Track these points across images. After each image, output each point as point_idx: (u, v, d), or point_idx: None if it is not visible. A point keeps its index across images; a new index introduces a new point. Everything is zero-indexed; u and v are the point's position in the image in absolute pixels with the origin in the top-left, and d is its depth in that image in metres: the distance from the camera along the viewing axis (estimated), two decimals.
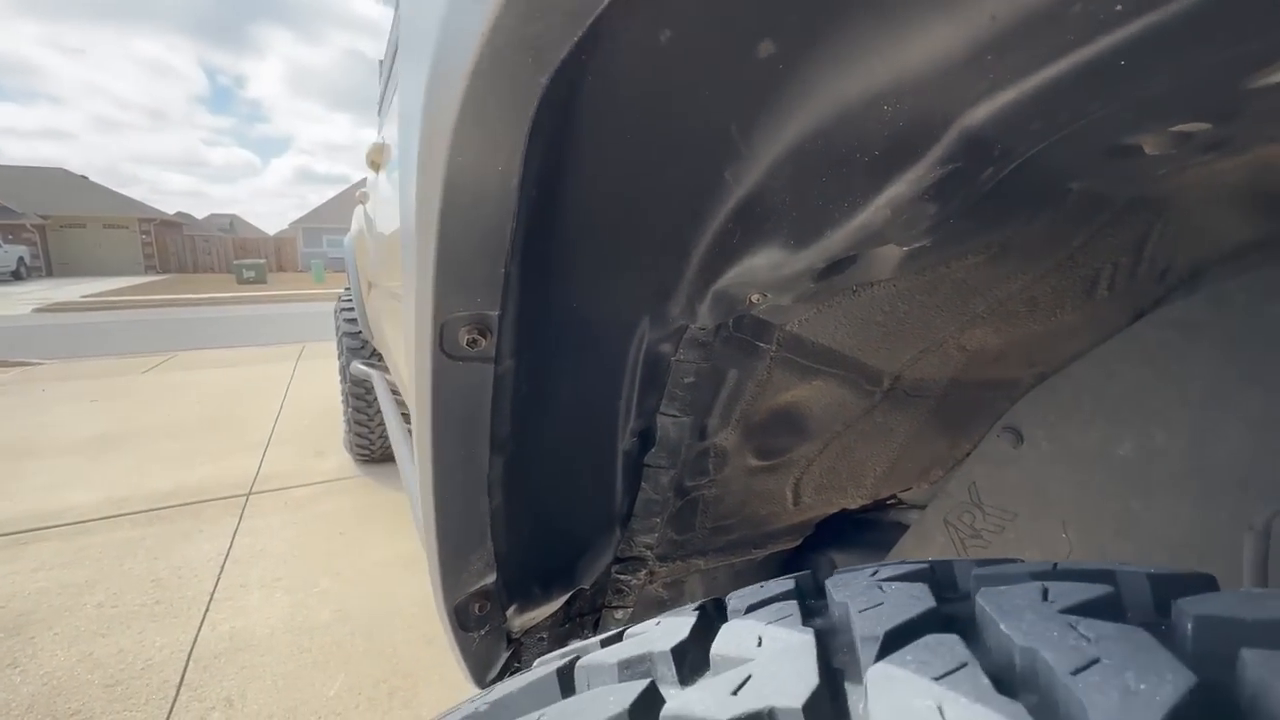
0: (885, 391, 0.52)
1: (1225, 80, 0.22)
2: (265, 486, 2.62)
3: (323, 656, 1.52)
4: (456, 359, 0.33)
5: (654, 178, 0.32)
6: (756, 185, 0.34)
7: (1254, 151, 0.30)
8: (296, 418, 3.71)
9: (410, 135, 0.29)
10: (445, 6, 0.25)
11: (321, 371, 5.18)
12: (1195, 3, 0.18)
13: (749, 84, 0.28)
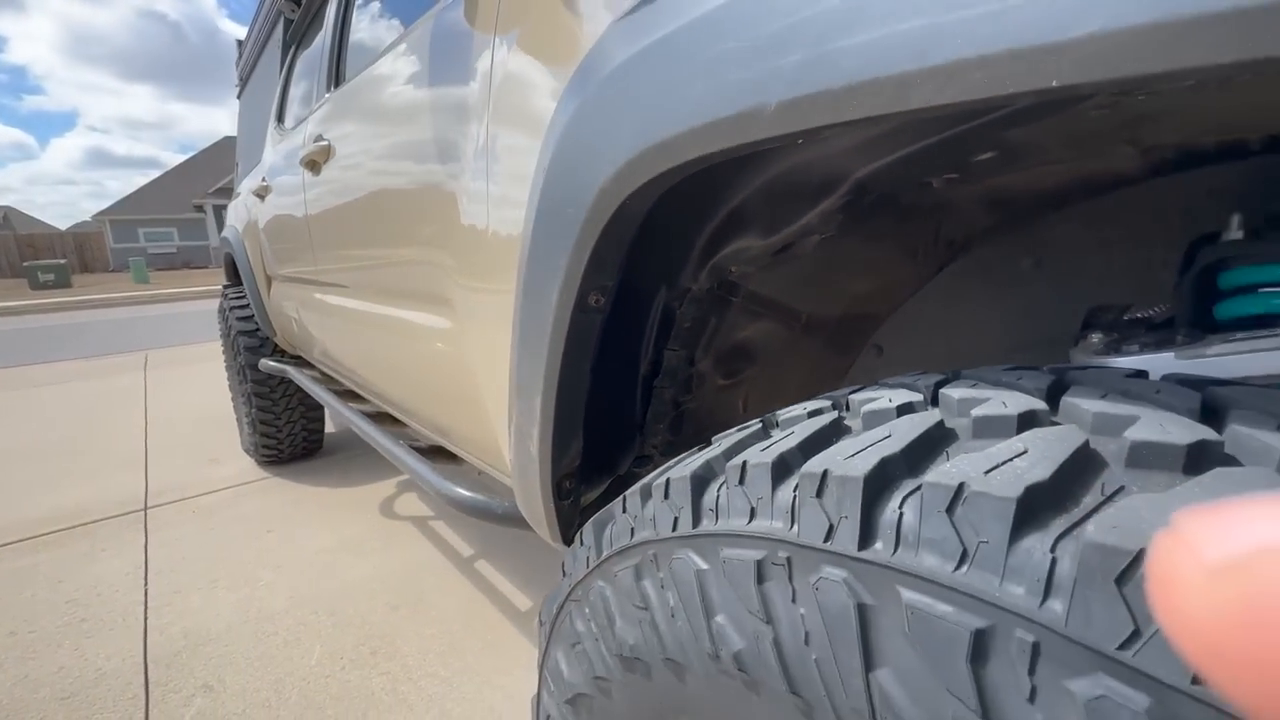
0: (803, 325, 0.80)
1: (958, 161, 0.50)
2: (162, 500, 2.49)
3: (291, 636, 1.60)
4: (586, 312, 0.55)
5: (677, 211, 0.55)
6: (739, 206, 0.59)
7: (984, 182, 0.60)
8: (170, 429, 3.45)
9: (569, 197, 0.50)
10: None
11: (181, 380, 4.75)
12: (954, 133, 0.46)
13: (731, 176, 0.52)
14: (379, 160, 1.08)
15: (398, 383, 1.25)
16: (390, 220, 1.07)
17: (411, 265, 1.01)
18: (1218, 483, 0.23)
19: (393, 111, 1.02)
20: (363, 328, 1.36)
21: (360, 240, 1.23)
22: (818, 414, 0.39)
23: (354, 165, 1.20)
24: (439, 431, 1.25)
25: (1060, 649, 0.22)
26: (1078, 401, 0.30)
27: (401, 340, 1.14)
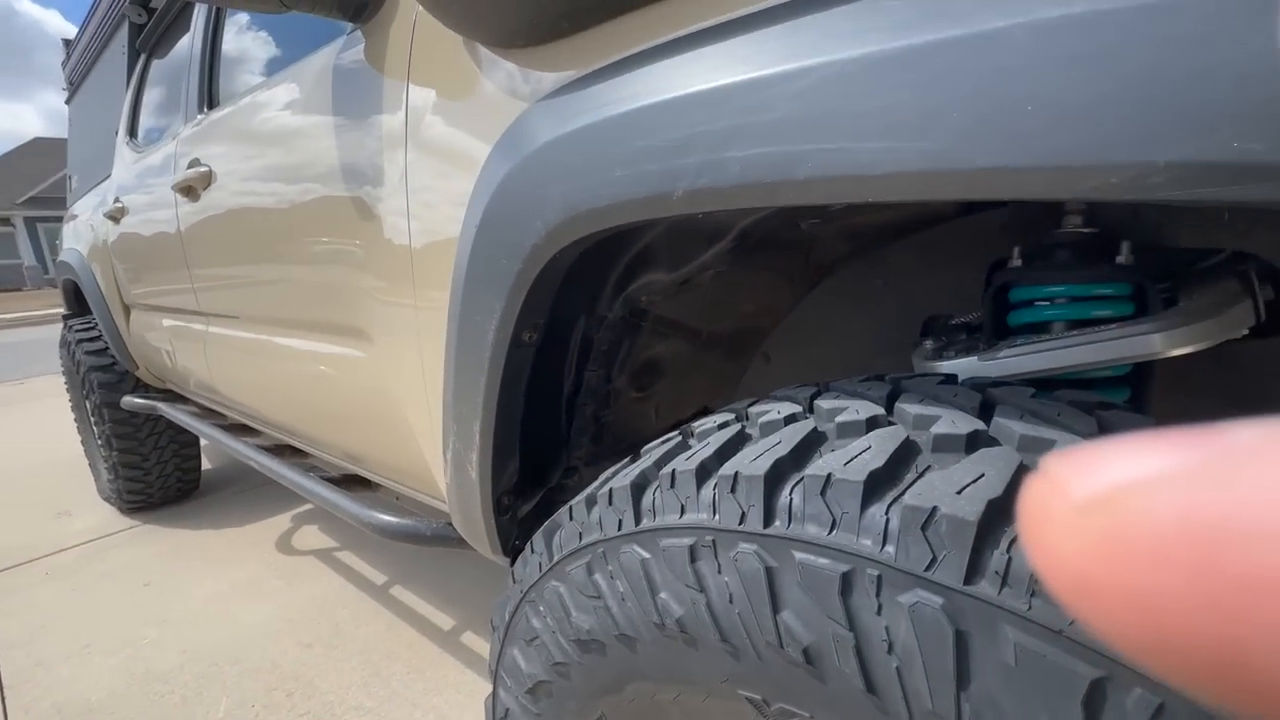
0: (703, 341, 0.92)
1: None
2: (4, 564, 2.19)
3: (190, 692, 1.50)
4: (521, 347, 0.62)
5: (595, 255, 0.64)
6: (647, 249, 0.69)
7: (841, 222, 0.74)
8: (2, 482, 3.01)
9: (504, 248, 0.57)
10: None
11: (7, 424, 4.13)
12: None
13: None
14: (279, 191, 1.07)
15: (305, 414, 1.23)
16: (295, 252, 1.06)
17: (320, 297, 1.02)
18: (983, 459, 0.35)
19: (292, 142, 1.02)
20: (260, 359, 1.31)
21: (256, 270, 1.19)
22: (725, 426, 0.49)
23: (245, 194, 1.17)
24: (352, 459, 1.25)
25: (893, 577, 0.33)
26: (905, 406, 0.42)
27: (310, 370, 1.13)
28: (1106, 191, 0.28)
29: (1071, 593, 0.10)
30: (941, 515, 0.32)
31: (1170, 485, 0.10)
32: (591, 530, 0.51)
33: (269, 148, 1.08)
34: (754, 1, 0.41)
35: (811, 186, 0.37)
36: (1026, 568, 0.30)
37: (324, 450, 1.35)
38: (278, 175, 1.06)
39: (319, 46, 1.00)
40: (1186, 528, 0.09)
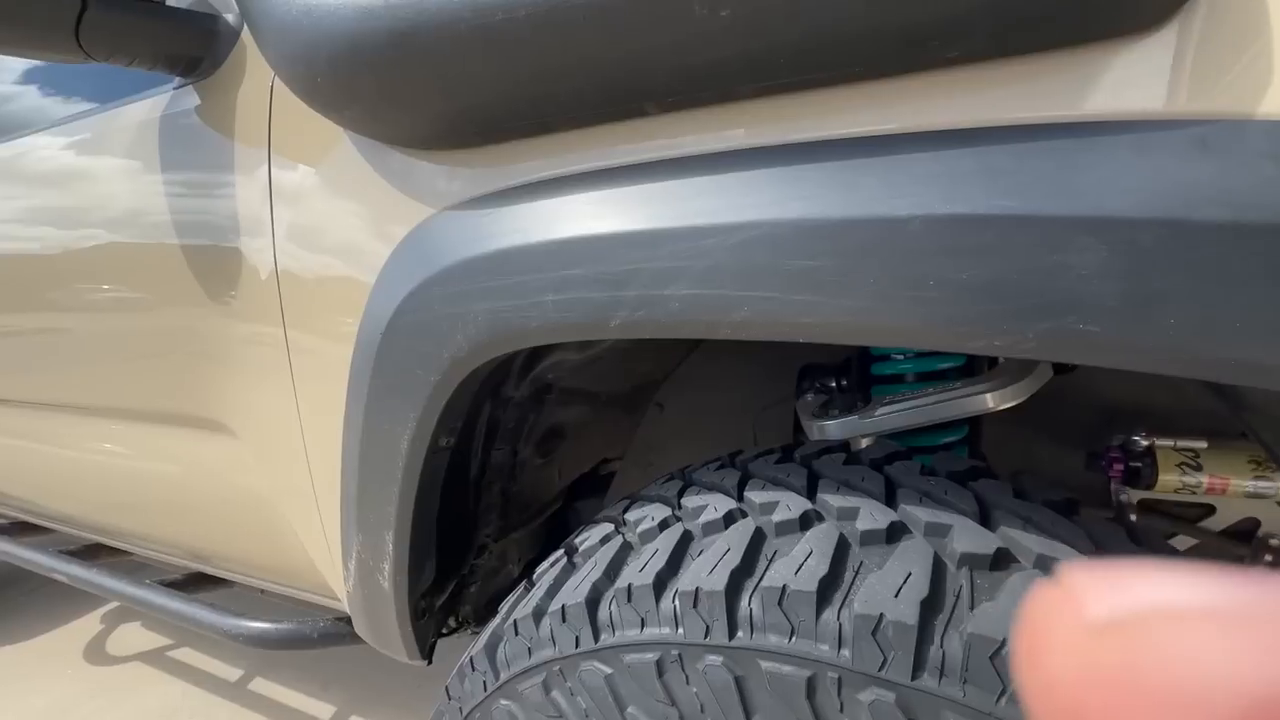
0: (603, 402, 0.94)
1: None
2: None
3: None
4: (438, 452, 0.59)
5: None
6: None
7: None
8: None
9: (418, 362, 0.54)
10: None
11: None
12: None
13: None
14: (83, 261, 0.90)
15: (130, 508, 1.05)
16: (111, 329, 0.90)
17: (157, 384, 0.88)
18: (905, 555, 0.41)
19: (102, 207, 0.87)
20: (64, 447, 1.09)
21: (54, 346, 0.99)
22: (666, 526, 0.52)
23: (38, 270, 0.97)
24: (198, 557, 1.09)
25: (852, 678, 0.38)
26: (826, 498, 0.48)
27: (140, 462, 0.97)
28: (990, 350, 0.35)
29: (1053, 717, 0.09)
30: (888, 621, 0.37)
31: (1208, 628, 0.08)
32: (543, 646, 0.50)
33: (64, 211, 0.91)
34: (691, 145, 0.44)
35: (746, 326, 0.41)
36: (958, 659, 0.36)
37: (156, 548, 1.15)
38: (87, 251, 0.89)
39: (124, 95, 0.86)
40: (1219, 682, 0.08)
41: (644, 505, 0.57)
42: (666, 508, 0.55)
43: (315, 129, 0.64)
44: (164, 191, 0.80)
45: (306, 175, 0.66)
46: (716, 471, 0.58)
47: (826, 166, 0.38)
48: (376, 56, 0.45)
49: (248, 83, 0.73)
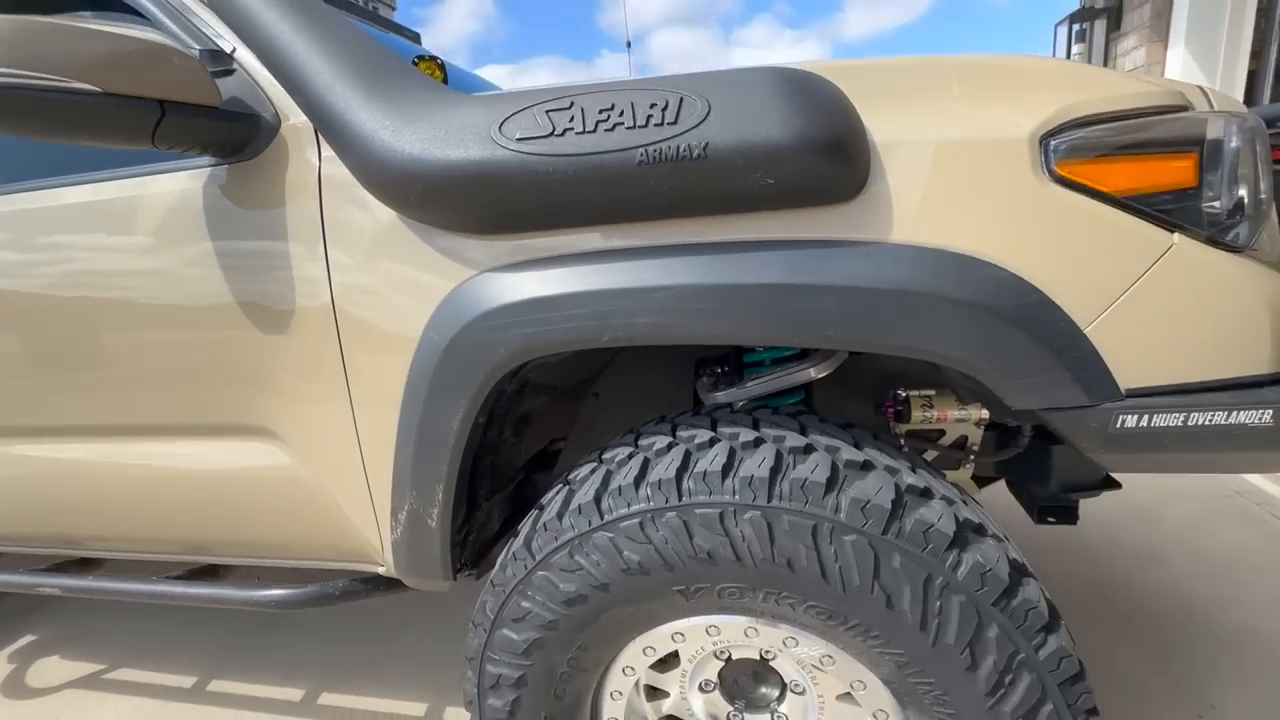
0: (558, 392, 1.28)
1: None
2: None
3: None
4: (477, 428, 0.91)
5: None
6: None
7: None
8: None
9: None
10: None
11: None
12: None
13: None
14: (127, 307, 1.09)
15: (172, 520, 1.22)
16: (174, 366, 1.09)
17: (211, 403, 1.09)
18: (814, 460, 0.81)
19: (143, 259, 1.06)
20: (99, 472, 1.23)
21: (95, 376, 1.14)
22: (632, 456, 0.88)
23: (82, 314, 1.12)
24: (199, 549, 1.26)
25: (743, 510, 0.77)
26: (723, 429, 0.87)
27: (196, 473, 1.15)
28: (799, 343, 0.76)
29: None
30: (737, 478, 0.76)
31: None
32: (566, 532, 0.85)
33: (110, 264, 1.09)
34: (637, 241, 0.81)
35: (674, 337, 0.79)
36: (790, 492, 0.76)
37: (167, 549, 1.31)
38: (125, 290, 1.08)
39: (145, 163, 1.06)
40: None
41: (614, 449, 0.93)
42: (629, 447, 0.91)
43: (367, 210, 0.93)
44: (215, 249, 1.02)
45: (361, 243, 0.94)
46: (656, 425, 0.96)
47: (705, 257, 0.78)
48: (458, 186, 0.78)
49: (293, 169, 0.99)
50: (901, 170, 0.74)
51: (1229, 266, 0.74)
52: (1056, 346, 0.72)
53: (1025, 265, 0.72)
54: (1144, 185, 0.73)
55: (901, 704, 0.82)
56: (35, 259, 1.12)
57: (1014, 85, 0.78)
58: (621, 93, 0.74)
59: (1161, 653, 1.57)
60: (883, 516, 0.74)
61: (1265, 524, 2.09)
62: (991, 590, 0.73)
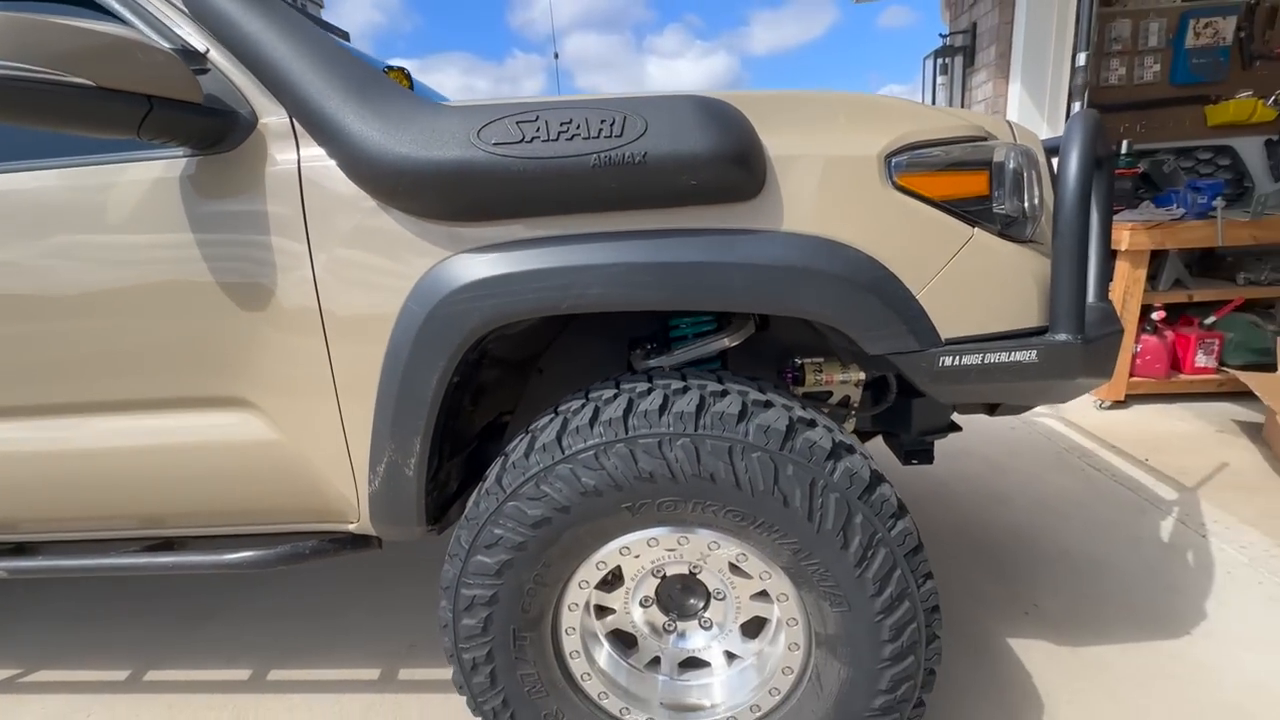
0: (509, 366, 1.45)
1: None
2: None
3: None
4: (450, 386, 1.07)
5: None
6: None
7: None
8: None
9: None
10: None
11: None
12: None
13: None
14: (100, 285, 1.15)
15: (139, 498, 1.27)
16: (149, 340, 1.16)
17: (186, 375, 1.17)
18: (727, 400, 1.03)
19: (141, 247, 1.13)
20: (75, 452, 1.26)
21: (90, 358, 1.19)
22: (584, 404, 1.08)
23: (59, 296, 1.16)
24: (152, 522, 1.32)
25: (677, 439, 0.99)
26: (658, 383, 1.08)
27: (167, 447, 1.22)
28: (720, 307, 0.99)
29: None
30: (727, 414, 0.99)
31: None
32: (533, 467, 1.03)
33: (83, 248, 1.14)
34: (589, 228, 1.01)
35: (618, 302, 1.00)
36: (710, 423, 0.99)
37: (116, 527, 1.36)
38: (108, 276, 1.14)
39: (115, 151, 1.14)
40: None
41: (568, 402, 1.12)
42: (581, 399, 1.11)
43: (349, 199, 1.07)
44: (195, 231, 1.12)
45: (342, 229, 1.08)
46: (603, 383, 1.16)
47: (644, 241, 1.00)
48: (441, 180, 0.95)
49: (272, 162, 1.10)
50: (788, 177, 0.99)
51: (1012, 252, 1.05)
52: (897, 307, 0.99)
53: (875, 248, 0.99)
54: (954, 193, 1.02)
55: (797, 585, 1.07)
56: (4, 239, 1.16)
57: (869, 117, 1.06)
58: (578, 110, 0.94)
59: (1002, 570, 1.95)
60: (779, 437, 0.99)
61: (1084, 473, 2.59)
62: (857, 488, 1.00)
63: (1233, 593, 1.79)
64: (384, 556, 2.31)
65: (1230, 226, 2.83)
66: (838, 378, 1.49)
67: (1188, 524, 2.15)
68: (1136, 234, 2.89)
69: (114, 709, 1.70)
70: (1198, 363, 3.11)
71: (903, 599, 1.02)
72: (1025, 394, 1.14)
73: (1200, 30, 3.42)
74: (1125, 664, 1.55)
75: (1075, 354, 1.01)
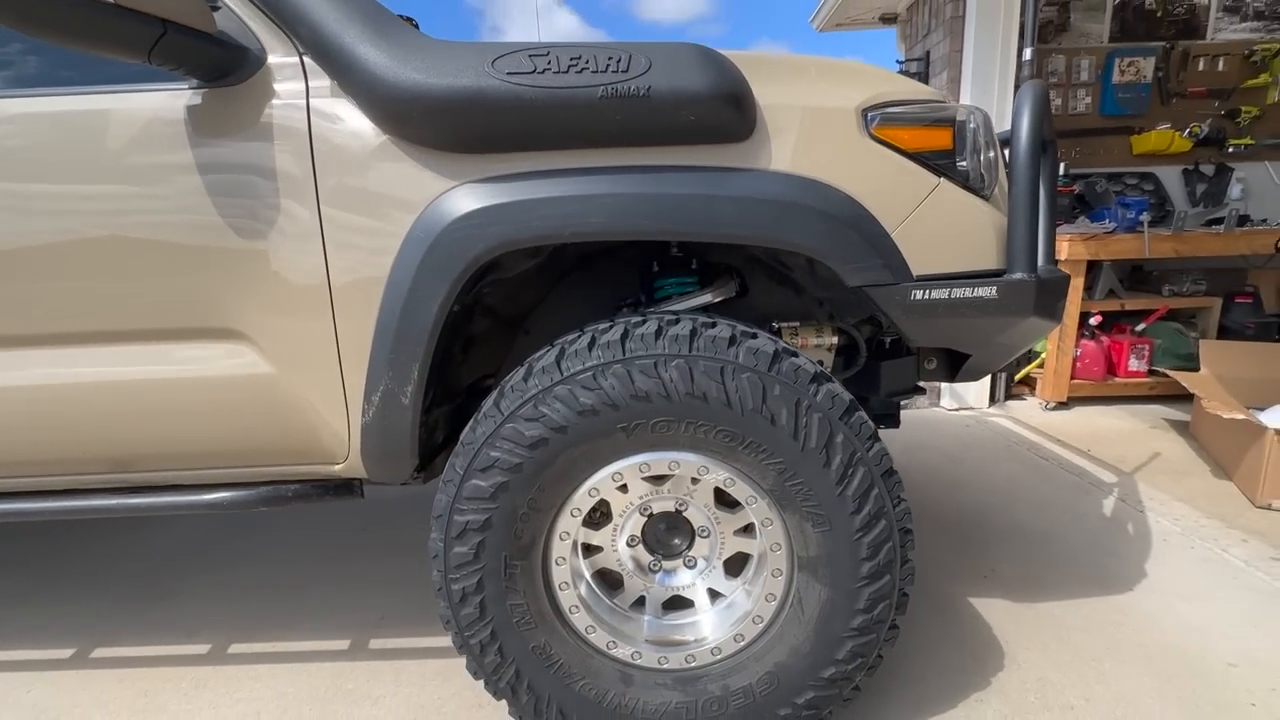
0: (499, 320, 1.48)
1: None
2: None
3: None
4: (450, 314, 1.10)
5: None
6: (500, 260, 1.25)
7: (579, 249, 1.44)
8: None
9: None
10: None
11: None
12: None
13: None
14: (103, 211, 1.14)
15: (112, 437, 1.23)
16: (145, 265, 1.15)
17: (178, 304, 1.16)
18: (718, 329, 1.09)
19: (146, 176, 1.13)
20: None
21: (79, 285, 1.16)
22: (579, 337, 1.12)
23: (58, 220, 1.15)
24: (122, 464, 1.28)
25: (673, 360, 1.04)
26: (684, 315, 1.14)
27: (153, 378, 1.20)
28: (707, 238, 1.06)
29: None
30: (718, 338, 1.05)
31: None
32: (531, 389, 1.07)
33: (87, 172, 1.14)
34: (590, 162, 1.07)
35: (618, 231, 1.06)
36: (706, 348, 1.05)
37: (83, 471, 1.31)
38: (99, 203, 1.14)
39: (118, 81, 1.15)
40: None
41: (563, 337, 1.16)
42: (577, 332, 1.15)
43: (355, 131, 1.10)
44: (199, 161, 1.13)
45: (348, 159, 1.11)
46: (596, 323, 1.21)
47: (645, 174, 1.07)
48: (455, 107, 1.00)
49: (279, 96, 1.13)
50: (776, 123, 1.09)
51: (973, 202, 1.16)
52: (874, 243, 1.08)
53: (855, 190, 1.09)
54: (922, 146, 1.13)
55: (782, 508, 1.12)
56: (6, 164, 1.14)
57: (848, 76, 1.16)
58: (587, 48, 1.02)
59: (961, 543, 2.05)
60: (767, 360, 1.06)
61: (1032, 461, 2.74)
62: (838, 409, 1.07)
63: (1168, 556, 1.93)
64: (343, 536, 2.27)
65: (1155, 240, 3.10)
66: (812, 341, 1.57)
67: (1126, 501, 2.31)
68: (1074, 245, 3.13)
69: (57, 684, 1.60)
70: (1131, 366, 3.35)
71: (880, 517, 1.09)
72: (987, 333, 1.23)
73: (1125, 69, 3.78)
74: (1076, 616, 1.65)
75: (1029, 290, 1.11)
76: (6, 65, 1.22)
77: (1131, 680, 1.41)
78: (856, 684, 1.18)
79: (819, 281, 1.35)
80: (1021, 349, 1.35)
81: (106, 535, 2.41)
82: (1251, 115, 3.81)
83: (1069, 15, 3.79)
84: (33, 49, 1.21)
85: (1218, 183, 3.86)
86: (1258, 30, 3.81)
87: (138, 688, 1.56)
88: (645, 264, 1.53)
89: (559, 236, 1.06)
